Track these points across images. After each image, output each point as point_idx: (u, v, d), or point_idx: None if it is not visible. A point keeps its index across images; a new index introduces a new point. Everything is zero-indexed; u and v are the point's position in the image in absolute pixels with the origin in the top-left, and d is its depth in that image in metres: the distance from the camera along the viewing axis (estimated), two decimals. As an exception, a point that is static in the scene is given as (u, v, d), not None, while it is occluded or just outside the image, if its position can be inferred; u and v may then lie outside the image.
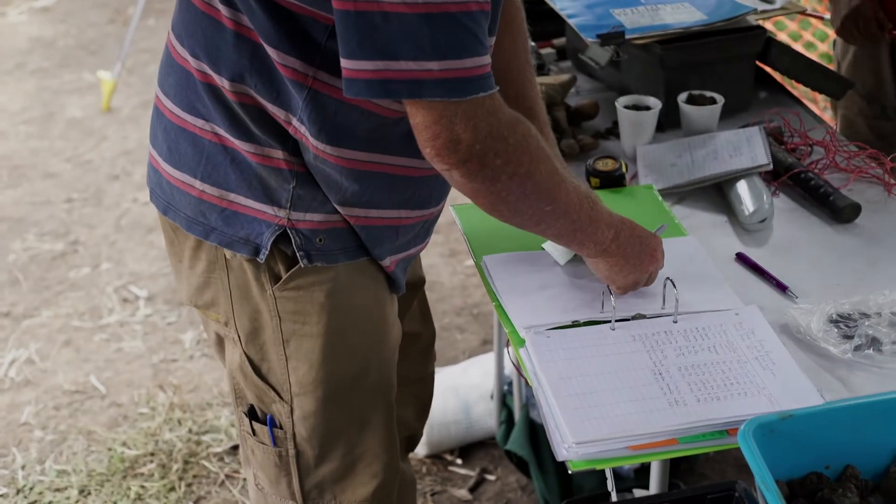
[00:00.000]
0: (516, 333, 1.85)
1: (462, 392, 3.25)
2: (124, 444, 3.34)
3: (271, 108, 1.70)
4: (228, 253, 1.81)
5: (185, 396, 3.54)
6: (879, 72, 2.91)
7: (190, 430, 3.38)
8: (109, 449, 3.32)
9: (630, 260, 1.84)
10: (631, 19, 2.56)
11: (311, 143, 1.70)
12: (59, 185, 4.99)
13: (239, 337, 1.89)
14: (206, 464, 3.25)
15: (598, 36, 2.50)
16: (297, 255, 1.77)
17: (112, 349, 3.80)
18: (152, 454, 3.29)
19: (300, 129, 1.70)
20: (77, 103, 5.83)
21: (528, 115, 2.00)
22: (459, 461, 3.24)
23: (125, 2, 7.28)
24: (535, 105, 2.03)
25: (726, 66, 2.59)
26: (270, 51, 1.65)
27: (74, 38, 6.75)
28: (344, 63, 1.54)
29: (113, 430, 3.41)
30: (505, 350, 3.20)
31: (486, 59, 1.57)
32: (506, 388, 3.19)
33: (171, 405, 3.49)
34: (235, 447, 3.30)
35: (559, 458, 1.60)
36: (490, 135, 1.57)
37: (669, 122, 2.54)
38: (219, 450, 3.30)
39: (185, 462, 3.26)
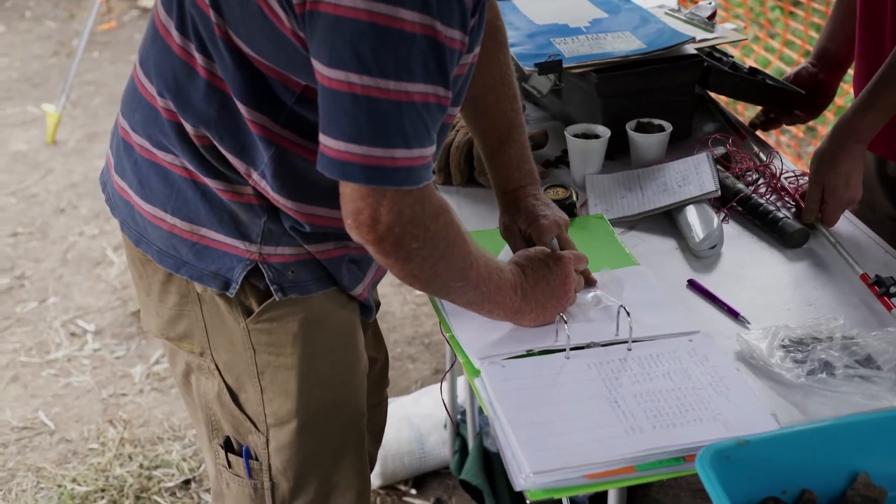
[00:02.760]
0: (471, 364, 1.84)
1: (415, 422, 3.24)
2: (74, 480, 3.30)
3: (232, 160, 1.71)
4: (199, 286, 1.81)
5: (135, 431, 3.50)
6: None
7: (141, 465, 3.34)
8: (59, 486, 3.28)
9: (546, 305, 1.87)
10: (571, 48, 2.57)
11: (271, 195, 1.72)
12: (5, 219, 4.94)
13: (217, 367, 1.89)
14: (158, 499, 3.21)
15: (536, 65, 2.51)
16: (272, 288, 1.78)
17: (60, 384, 3.76)
18: (103, 490, 3.25)
19: (260, 182, 1.72)
20: (21, 136, 5.77)
21: (502, 146, 2.04)
22: (414, 491, 3.23)
23: (69, 34, 7.23)
24: (511, 136, 2.06)
25: (664, 95, 2.60)
26: (240, 106, 1.66)
27: (18, 71, 6.69)
28: (320, 137, 1.56)
29: (62, 466, 3.37)
30: (457, 379, 3.21)
31: (430, 151, 1.59)
32: (459, 417, 3.19)
33: (122, 440, 3.45)
34: (187, 482, 3.27)
35: (517, 488, 1.60)
36: (412, 221, 1.60)
37: (618, 150, 2.55)
38: (170, 484, 3.27)
39: (137, 498, 3.22)
